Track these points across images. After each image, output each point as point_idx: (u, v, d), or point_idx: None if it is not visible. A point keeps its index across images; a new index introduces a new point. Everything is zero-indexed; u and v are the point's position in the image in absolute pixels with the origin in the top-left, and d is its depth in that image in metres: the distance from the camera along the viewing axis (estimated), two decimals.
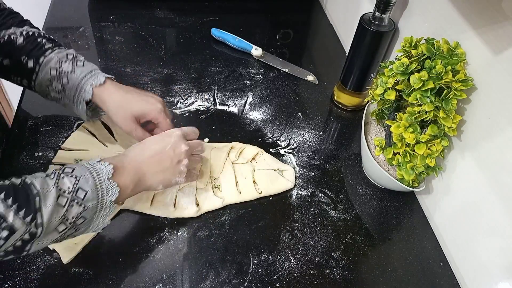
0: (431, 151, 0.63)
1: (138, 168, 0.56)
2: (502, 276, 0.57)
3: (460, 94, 0.57)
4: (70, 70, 0.64)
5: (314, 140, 0.81)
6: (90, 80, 0.64)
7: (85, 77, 0.64)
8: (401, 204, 0.73)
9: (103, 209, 0.51)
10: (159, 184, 0.59)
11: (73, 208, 0.47)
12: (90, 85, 0.64)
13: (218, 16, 1.09)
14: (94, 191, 0.49)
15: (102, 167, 0.51)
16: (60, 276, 0.57)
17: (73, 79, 0.64)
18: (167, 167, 0.58)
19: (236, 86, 0.90)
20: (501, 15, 0.54)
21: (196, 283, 0.59)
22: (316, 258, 0.63)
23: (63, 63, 0.64)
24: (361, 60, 0.80)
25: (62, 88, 0.65)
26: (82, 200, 0.48)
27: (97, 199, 0.50)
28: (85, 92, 0.64)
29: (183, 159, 0.60)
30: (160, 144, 0.59)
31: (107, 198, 0.51)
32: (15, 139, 0.73)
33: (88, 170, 0.50)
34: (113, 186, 0.51)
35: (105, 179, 0.51)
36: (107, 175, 0.51)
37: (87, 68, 0.65)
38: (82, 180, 0.49)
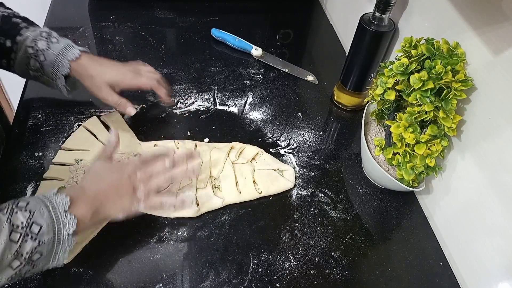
0: (431, 151, 0.63)
1: (95, 198, 0.54)
2: (502, 276, 0.57)
3: (460, 94, 0.57)
4: (46, 47, 0.67)
5: (314, 140, 0.81)
6: (66, 55, 0.67)
7: (60, 53, 0.67)
8: (401, 204, 0.73)
9: (61, 243, 0.49)
10: (118, 212, 0.57)
11: (27, 244, 0.46)
12: (67, 60, 0.67)
13: (218, 16, 1.09)
14: (49, 224, 0.48)
15: (58, 200, 0.50)
16: (60, 276, 0.57)
17: (49, 55, 0.67)
18: (124, 196, 0.57)
19: (236, 86, 0.90)
20: (501, 15, 0.54)
21: (196, 283, 0.59)
22: (316, 258, 0.64)
23: (38, 41, 0.67)
24: (361, 60, 0.80)
25: (40, 65, 0.67)
26: (37, 234, 0.46)
27: (53, 232, 0.48)
28: (63, 67, 0.67)
29: (139, 185, 0.58)
30: (117, 173, 0.58)
31: (64, 231, 0.49)
32: (15, 139, 0.73)
33: (43, 203, 0.49)
34: (70, 218, 0.50)
35: (62, 211, 0.49)
36: (64, 207, 0.49)
37: (62, 44, 0.68)
38: (37, 214, 0.47)
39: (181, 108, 0.83)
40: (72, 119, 0.77)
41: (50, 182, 0.66)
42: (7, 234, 0.44)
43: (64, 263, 0.58)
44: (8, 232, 0.44)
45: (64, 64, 0.67)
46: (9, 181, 0.66)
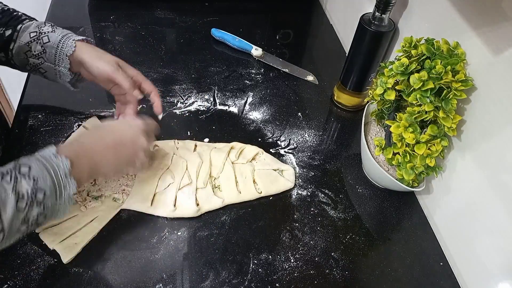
0: (431, 151, 0.63)
1: (93, 158, 0.55)
2: (502, 276, 0.57)
3: (460, 94, 0.57)
4: (51, 30, 0.66)
5: (314, 140, 0.81)
6: (72, 37, 0.66)
7: (66, 35, 0.66)
8: (401, 204, 0.73)
9: (62, 203, 0.51)
10: (111, 172, 0.59)
11: (33, 210, 0.47)
12: (73, 40, 0.65)
13: (218, 16, 1.09)
14: (52, 189, 0.49)
15: (59, 163, 0.50)
16: (60, 276, 0.57)
17: (53, 37, 0.65)
18: (122, 159, 0.58)
19: (236, 86, 0.90)
20: (501, 15, 0.54)
21: (196, 283, 0.59)
22: (316, 258, 0.64)
23: (43, 27, 0.66)
24: (361, 60, 0.80)
25: (42, 49, 0.65)
26: (42, 200, 0.48)
27: (55, 195, 0.49)
28: (68, 47, 0.65)
29: (140, 154, 0.59)
30: (119, 134, 0.58)
31: (65, 193, 0.50)
32: (15, 139, 0.73)
33: (45, 168, 0.49)
34: (71, 181, 0.51)
35: (63, 175, 0.50)
36: (64, 171, 0.50)
37: (66, 30, 0.67)
38: (40, 181, 0.48)
39: (181, 108, 0.83)
40: (72, 119, 0.77)
41: None
42: (13, 203, 0.45)
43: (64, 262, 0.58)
44: (15, 201, 0.45)
45: (69, 44, 0.65)
46: None
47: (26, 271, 0.57)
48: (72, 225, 0.62)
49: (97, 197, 0.65)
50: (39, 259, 0.58)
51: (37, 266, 0.58)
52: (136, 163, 0.60)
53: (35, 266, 0.57)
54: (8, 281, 0.56)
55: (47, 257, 0.58)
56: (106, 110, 0.79)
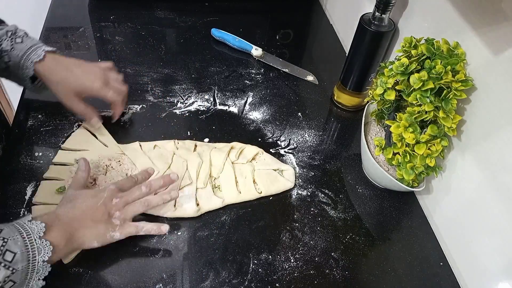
0: (431, 151, 0.63)
1: (69, 224, 0.54)
2: (502, 276, 0.57)
3: (460, 94, 0.57)
4: (10, 48, 0.65)
5: (314, 140, 0.81)
6: (30, 57, 0.65)
7: (25, 54, 0.65)
8: (401, 204, 0.73)
9: (35, 270, 0.48)
10: (93, 240, 0.56)
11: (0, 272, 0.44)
12: (31, 62, 0.64)
13: (218, 16, 1.09)
14: (24, 252, 0.46)
15: (33, 226, 0.49)
16: (60, 276, 0.57)
17: (13, 56, 0.65)
18: (99, 222, 0.56)
19: (236, 86, 0.90)
20: (501, 15, 0.54)
21: (196, 283, 0.59)
22: (316, 258, 0.64)
23: (3, 41, 0.65)
24: (361, 60, 0.80)
25: (6, 66, 0.66)
26: (10, 262, 0.45)
27: (27, 260, 0.47)
28: (27, 69, 0.65)
29: (114, 212, 0.58)
30: (91, 200, 0.57)
31: (39, 258, 0.48)
32: (15, 139, 0.73)
33: (18, 230, 0.48)
34: (45, 245, 0.49)
35: (36, 238, 0.48)
36: (39, 234, 0.48)
37: (27, 44, 0.66)
38: (10, 242, 0.46)
39: (181, 108, 0.83)
40: (72, 119, 0.77)
41: (50, 182, 0.66)
42: None
43: (64, 263, 0.58)
44: None
45: (28, 66, 0.65)
46: (9, 181, 0.66)
47: None
48: None
49: None
50: None
51: None
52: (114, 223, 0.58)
53: None
54: None
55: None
56: (106, 110, 0.79)
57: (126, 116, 0.79)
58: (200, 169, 0.70)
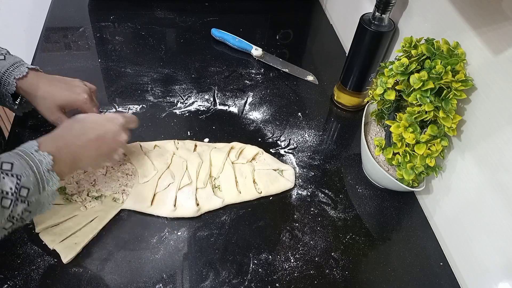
0: (431, 151, 0.63)
1: (74, 153, 0.56)
2: (502, 276, 0.57)
3: (460, 94, 0.57)
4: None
5: (314, 140, 0.81)
6: (13, 73, 0.65)
7: (7, 70, 0.65)
8: (401, 204, 0.73)
9: (46, 197, 0.51)
10: (91, 166, 0.60)
11: (18, 207, 0.47)
12: (13, 78, 0.64)
13: (218, 16, 1.09)
14: (35, 185, 0.49)
15: (41, 159, 0.51)
16: (60, 276, 0.57)
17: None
18: (103, 154, 0.59)
19: (236, 86, 0.90)
20: (501, 15, 0.54)
21: (196, 283, 0.59)
22: (316, 258, 0.64)
23: None
24: (361, 60, 0.80)
25: None
26: (26, 197, 0.48)
27: (39, 191, 0.50)
28: (9, 85, 0.65)
29: (119, 148, 0.61)
30: (101, 129, 0.59)
31: (48, 187, 0.51)
32: (15, 139, 0.73)
33: (28, 164, 0.49)
34: (53, 176, 0.51)
35: (45, 171, 0.50)
36: (47, 166, 0.51)
37: (9, 61, 0.66)
38: (24, 179, 0.48)
39: (181, 108, 0.83)
40: None
41: None
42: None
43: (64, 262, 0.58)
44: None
45: (10, 82, 0.64)
46: None
47: (26, 271, 0.57)
48: (72, 225, 0.62)
49: (97, 197, 0.65)
50: (39, 259, 0.58)
51: (37, 266, 0.57)
52: (114, 157, 0.62)
53: (35, 266, 0.57)
54: (8, 281, 0.56)
55: (47, 257, 0.58)
56: (106, 110, 0.79)
57: None
58: (200, 169, 0.70)
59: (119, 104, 0.82)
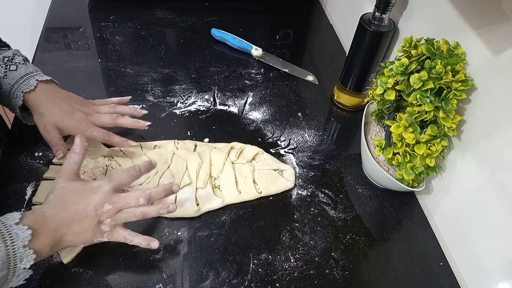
0: (431, 151, 0.63)
1: (56, 230, 0.51)
2: (502, 276, 0.57)
3: (460, 94, 0.57)
4: (2, 76, 0.64)
5: (314, 140, 0.81)
6: (21, 87, 0.63)
7: (16, 83, 0.64)
8: (401, 204, 0.73)
9: (15, 276, 0.47)
10: (79, 243, 0.56)
11: None
12: (21, 92, 0.63)
13: (218, 16, 1.09)
14: (5, 261, 0.45)
15: (19, 232, 0.47)
16: (60, 276, 0.57)
17: (5, 84, 0.64)
18: (87, 228, 0.54)
19: (236, 86, 0.90)
20: (501, 15, 0.54)
21: (196, 283, 0.59)
22: (316, 258, 0.64)
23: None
24: (361, 60, 0.80)
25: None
26: None
27: (7, 268, 0.46)
28: (17, 98, 0.64)
29: (105, 219, 0.54)
30: (82, 202, 0.54)
31: (21, 265, 0.47)
32: (15, 139, 0.73)
33: (2, 237, 0.46)
34: (28, 253, 0.47)
35: (20, 246, 0.46)
36: (23, 242, 0.47)
37: (20, 73, 0.65)
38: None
39: (181, 108, 0.83)
40: None
41: (50, 182, 0.66)
42: None
43: (64, 262, 0.58)
44: None
45: (18, 96, 0.63)
46: (9, 181, 0.66)
47: None
48: None
49: None
50: None
51: (37, 266, 0.57)
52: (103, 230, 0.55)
53: (35, 266, 0.57)
54: None
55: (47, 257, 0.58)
56: None
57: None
58: (200, 169, 0.70)
59: None
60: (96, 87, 0.86)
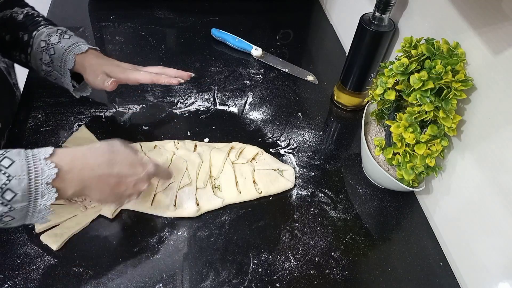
0: (431, 151, 0.63)
1: (87, 178, 0.51)
2: (502, 276, 0.57)
3: (460, 94, 0.57)
4: (57, 42, 0.69)
5: (314, 140, 0.81)
6: (74, 50, 0.69)
7: (69, 47, 0.69)
8: (401, 204, 0.73)
9: (36, 211, 0.48)
10: (98, 200, 0.56)
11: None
12: (73, 54, 0.68)
13: (218, 16, 1.09)
14: (25, 194, 0.46)
15: (45, 168, 0.47)
16: (60, 276, 0.57)
17: (58, 49, 0.69)
18: (115, 194, 0.55)
19: (236, 86, 0.90)
20: (501, 15, 0.54)
21: (196, 283, 0.59)
22: (316, 258, 0.64)
23: (52, 36, 0.70)
24: (361, 60, 0.80)
25: (50, 59, 0.69)
26: (9, 201, 0.45)
27: (28, 201, 0.46)
28: (69, 61, 0.68)
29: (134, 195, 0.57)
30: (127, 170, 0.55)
31: (41, 201, 0.47)
32: (15, 139, 0.73)
33: (28, 169, 0.46)
34: (51, 191, 0.48)
35: (43, 183, 0.47)
36: (47, 179, 0.47)
37: (73, 40, 0.70)
38: (14, 181, 0.45)
39: (181, 108, 0.83)
40: (72, 119, 0.77)
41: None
42: None
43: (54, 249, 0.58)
44: None
45: (70, 58, 0.68)
46: None
47: (26, 271, 0.57)
48: (72, 225, 0.62)
49: None
50: (39, 259, 0.58)
51: (37, 266, 0.58)
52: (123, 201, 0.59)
53: (35, 266, 0.57)
54: (8, 281, 0.56)
55: (47, 257, 0.58)
56: (106, 110, 0.79)
57: (126, 116, 0.79)
58: (200, 169, 0.70)
59: (119, 104, 0.82)
60: None
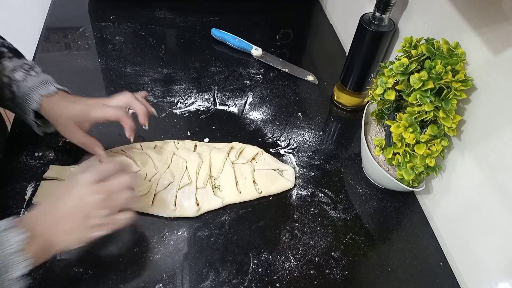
0: (431, 151, 0.63)
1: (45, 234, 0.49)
2: (502, 276, 0.57)
3: (460, 94, 0.57)
4: (21, 79, 0.63)
5: (314, 140, 0.81)
6: (40, 90, 0.62)
7: (35, 86, 0.62)
8: (401, 204, 0.73)
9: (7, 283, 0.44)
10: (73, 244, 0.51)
11: None
12: (39, 95, 0.62)
13: (218, 16, 1.09)
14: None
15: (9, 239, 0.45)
16: (60, 276, 0.57)
17: (22, 87, 0.62)
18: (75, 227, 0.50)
19: (236, 86, 0.90)
20: (501, 15, 0.54)
21: (196, 283, 0.59)
22: (316, 258, 0.64)
23: (16, 72, 0.63)
24: (361, 60, 0.80)
25: (12, 96, 0.63)
26: None
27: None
28: (33, 102, 0.62)
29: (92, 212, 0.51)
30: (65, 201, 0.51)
31: (10, 275, 0.44)
32: (15, 139, 0.73)
33: None
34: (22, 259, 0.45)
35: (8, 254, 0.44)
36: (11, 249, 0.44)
37: (40, 78, 0.64)
38: None
39: (181, 108, 0.83)
40: None
41: (50, 182, 0.66)
42: None
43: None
44: None
45: (35, 99, 0.62)
46: (9, 181, 0.66)
47: None
48: None
49: None
50: None
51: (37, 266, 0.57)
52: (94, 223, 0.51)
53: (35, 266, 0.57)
54: None
55: None
56: None
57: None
58: (200, 169, 0.70)
59: None
60: (96, 87, 0.86)
